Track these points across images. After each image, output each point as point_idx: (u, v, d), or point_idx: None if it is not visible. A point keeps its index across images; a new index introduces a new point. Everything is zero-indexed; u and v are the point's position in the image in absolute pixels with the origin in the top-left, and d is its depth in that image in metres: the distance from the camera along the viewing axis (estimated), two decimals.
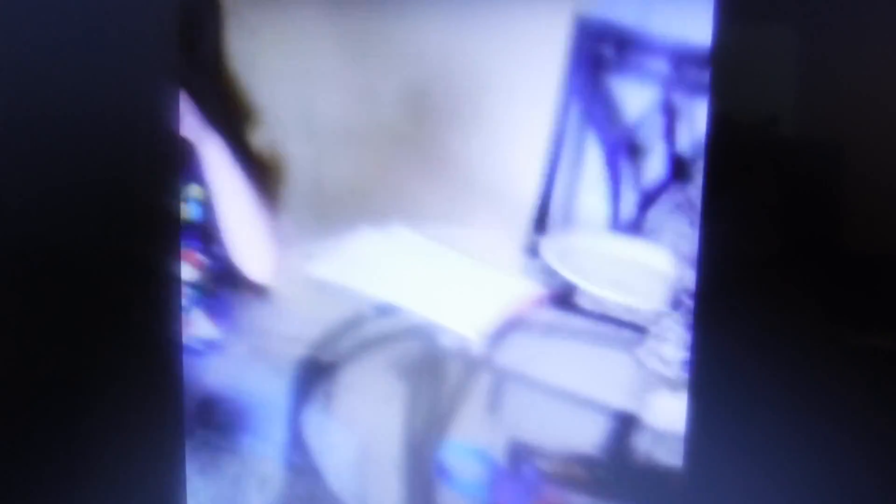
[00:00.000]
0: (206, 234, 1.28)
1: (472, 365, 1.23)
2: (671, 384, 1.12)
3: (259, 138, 1.33)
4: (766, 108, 1.06)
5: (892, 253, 1.04)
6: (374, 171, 1.30)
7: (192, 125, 1.22)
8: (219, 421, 1.30)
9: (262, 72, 1.35)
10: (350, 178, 1.31)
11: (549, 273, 1.21)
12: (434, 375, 1.24)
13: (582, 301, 1.19)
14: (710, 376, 1.09)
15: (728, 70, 1.05)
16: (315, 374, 1.26)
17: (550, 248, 1.22)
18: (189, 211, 1.27)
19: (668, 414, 1.12)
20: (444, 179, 1.25)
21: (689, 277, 1.11)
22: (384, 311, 1.23)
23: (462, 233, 1.24)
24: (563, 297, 1.21)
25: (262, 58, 1.34)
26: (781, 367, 1.05)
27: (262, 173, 1.31)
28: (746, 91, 1.06)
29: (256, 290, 1.28)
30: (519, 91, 1.21)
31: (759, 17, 1.04)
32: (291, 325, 1.27)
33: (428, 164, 1.26)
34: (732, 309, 1.06)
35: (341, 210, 1.30)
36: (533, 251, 1.22)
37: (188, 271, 1.29)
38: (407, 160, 1.26)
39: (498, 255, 1.23)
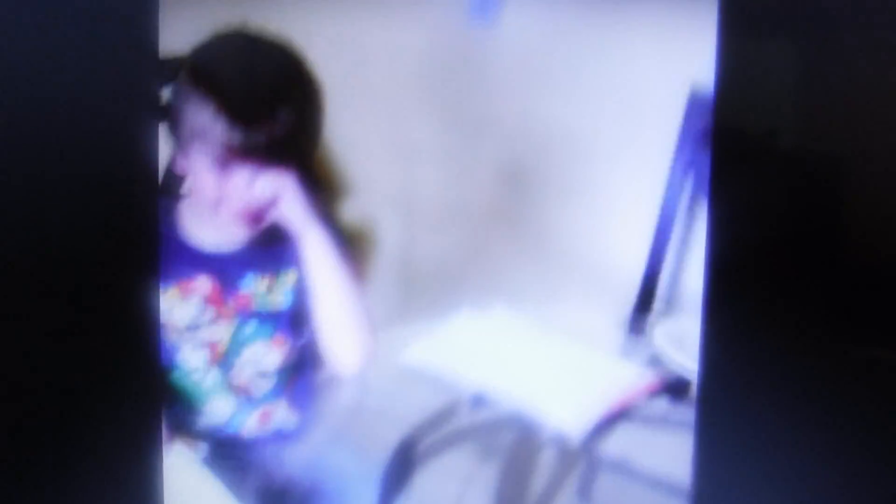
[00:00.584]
0: (295, 319, 1.24)
1: (570, 455, 1.16)
2: None
3: (353, 216, 1.30)
4: (767, 120, 1.05)
5: (892, 262, 1.03)
6: (471, 249, 1.26)
7: (290, 208, 1.18)
8: None
9: (358, 149, 1.33)
10: (446, 257, 1.27)
11: (657, 359, 1.16)
12: (528, 464, 1.17)
13: (693, 390, 1.12)
14: (719, 389, 1.07)
15: (731, 84, 1.05)
16: (404, 464, 1.20)
17: (661, 331, 1.16)
18: (280, 297, 1.24)
19: None
20: (544, 257, 1.21)
21: None
22: (480, 401, 1.17)
23: (563, 313, 1.18)
24: (673, 385, 1.15)
25: (359, 134, 1.32)
26: (790, 379, 1.05)
27: (355, 253, 1.27)
28: (748, 104, 1.05)
29: (346, 377, 1.23)
30: (625, 164, 1.18)
31: (760, 33, 1.04)
32: (381, 413, 1.22)
33: (527, 242, 1.22)
34: (741, 317, 1.06)
35: (436, 290, 1.26)
36: (640, 334, 1.17)
37: (275, 357, 1.25)
38: (505, 237, 1.22)
39: (601, 338, 1.18)
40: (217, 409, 1.24)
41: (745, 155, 1.06)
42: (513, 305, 1.19)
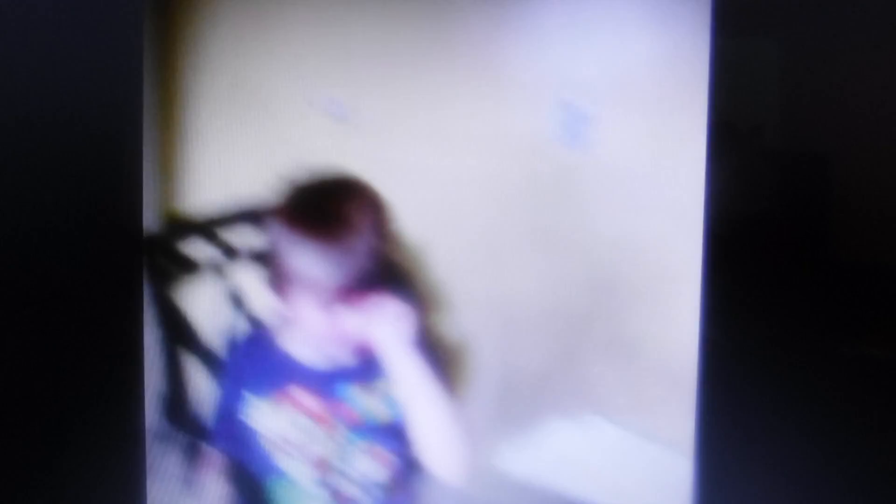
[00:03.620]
0: (396, 431, 1.26)
1: None
2: None
3: (451, 330, 1.34)
4: (757, 117, 1.08)
5: (878, 261, 1.04)
6: (565, 357, 1.28)
7: (383, 333, 1.21)
8: None
9: (457, 266, 1.37)
10: (539, 366, 1.30)
11: None
12: None
13: None
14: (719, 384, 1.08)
15: (725, 82, 1.07)
16: None
17: None
18: (385, 408, 1.27)
19: None
20: (633, 366, 1.22)
21: None
22: None
23: (654, 422, 1.18)
24: None
25: (456, 252, 1.37)
26: (788, 375, 1.06)
27: (450, 364, 1.30)
28: (740, 101, 1.08)
29: (448, 487, 1.23)
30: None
31: (751, 33, 1.08)
32: None
33: (616, 349, 1.23)
34: (740, 309, 1.08)
35: (530, 399, 1.28)
36: None
37: (381, 469, 1.27)
38: (597, 346, 1.24)
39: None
40: None
41: (741, 151, 1.09)
42: (604, 414, 1.20)
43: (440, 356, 1.27)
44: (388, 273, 1.20)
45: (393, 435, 1.25)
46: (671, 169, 1.20)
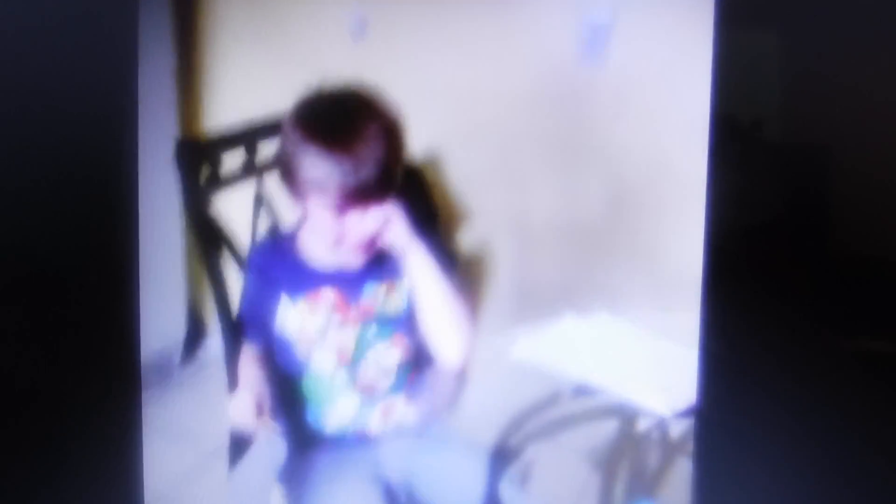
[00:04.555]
0: (412, 320, 1.34)
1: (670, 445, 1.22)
2: None
3: (470, 241, 1.42)
4: (756, 111, 1.10)
5: (877, 254, 1.05)
6: (578, 263, 1.35)
7: (396, 233, 1.28)
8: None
9: (475, 179, 1.44)
10: (554, 271, 1.37)
11: None
12: (630, 456, 1.24)
13: None
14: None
15: (727, 75, 1.09)
16: (508, 455, 1.28)
17: None
18: (398, 302, 1.36)
19: None
20: (644, 271, 1.30)
21: None
22: (581, 391, 1.26)
23: (660, 317, 1.26)
24: None
25: (475, 165, 1.44)
26: (788, 370, 1.07)
27: (469, 269, 1.38)
28: (741, 94, 1.10)
29: (449, 372, 1.33)
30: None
31: (754, 27, 1.09)
32: (489, 405, 1.31)
33: (629, 257, 1.30)
34: (739, 306, 1.09)
35: (544, 299, 1.35)
36: None
37: (395, 355, 1.36)
38: (609, 253, 1.31)
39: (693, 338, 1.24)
40: (343, 408, 1.35)
41: (742, 145, 1.11)
42: (614, 311, 1.28)
43: (450, 258, 1.34)
44: (400, 181, 1.26)
45: (409, 323, 1.34)
46: (683, 83, 1.26)
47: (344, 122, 1.25)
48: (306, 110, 1.27)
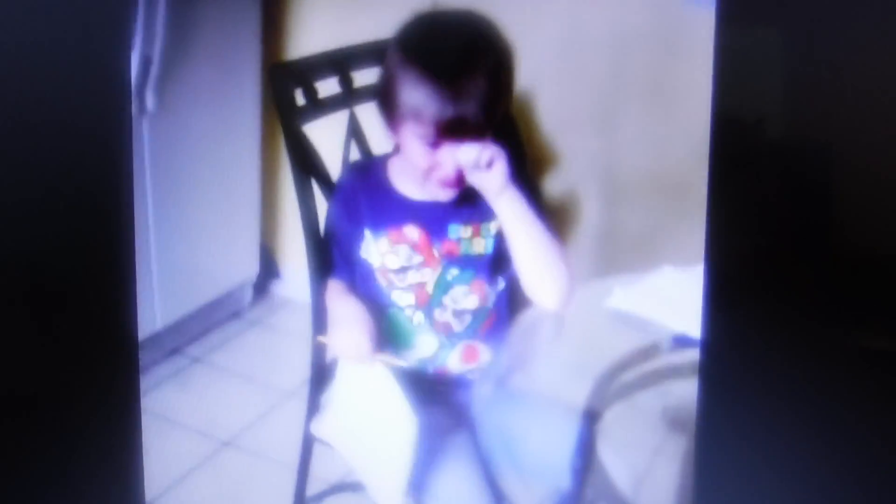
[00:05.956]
0: (494, 265, 1.31)
1: None
2: None
3: (558, 189, 1.38)
4: (759, 108, 1.09)
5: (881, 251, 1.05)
6: (669, 215, 1.32)
7: (489, 176, 1.24)
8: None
9: (565, 124, 1.41)
10: (643, 223, 1.34)
11: None
12: None
13: None
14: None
15: (728, 72, 1.08)
16: (599, 410, 1.25)
17: None
18: (483, 245, 1.33)
19: None
20: None
21: None
22: (681, 342, 1.22)
23: None
24: None
25: (565, 110, 1.40)
26: (790, 365, 1.07)
27: (558, 217, 1.35)
28: (743, 92, 1.09)
29: (545, 317, 1.29)
30: None
31: (755, 23, 1.08)
32: (580, 357, 1.28)
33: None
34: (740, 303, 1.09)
35: (636, 251, 1.32)
36: None
37: (473, 300, 1.33)
38: (700, 204, 1.28)
39: None
40: (424, 345, 1.33)
41: (744, 146, 1.10)
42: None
43: (540, 200, 1.31)
44: (492, 118, 1.21)
45: (491, 269, 1.31)
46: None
47: (451, 49, 1.21)
48: (414, 31, 1.23)
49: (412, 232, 1.31)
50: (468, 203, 1.30)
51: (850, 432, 1.07)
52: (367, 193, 1.32)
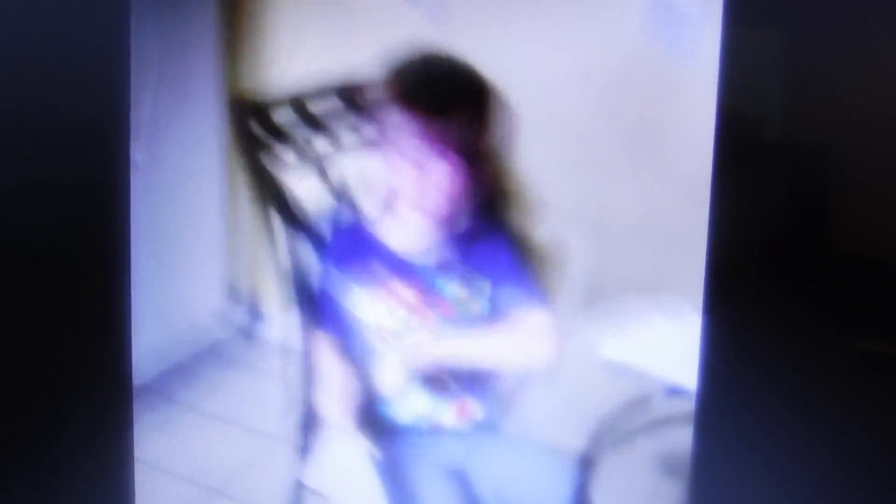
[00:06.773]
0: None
1: None
2: None
3: (544, 235, 1.38)
4: (769, 108, 1.08)
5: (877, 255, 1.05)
6: (656, 258, 1.32)
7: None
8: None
9: (548, 169, 1.41)
10: (632, 266, 1.34)
11: None
12: None
13: None
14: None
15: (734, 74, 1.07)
16: (594, 459, 1.25)
17: None
18: (478, 305, 1.32)
19: None
20: None
21: None
22: (675, 392, 1.23)
23: None
24: None
25: (547, 155, 1.41)
26: (789, 368, 1.06)
27: (543, 262, 1.35)
28: (749, 93, 1.08)
29: (537, 373, 1.29)
30: None
31: (762, 27, 1.07)
32: (572, 402, 1.28)
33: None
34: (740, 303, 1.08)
35: (624, 295, 1.32)
36: None
37: None
38: (690, 247, 1.29)
39: None
40: (415, 404, 1.32)
41: (748, 145, 1.10)
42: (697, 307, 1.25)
43: (531, 254, 1.32)
44: (475, 146, 1.24)
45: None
46: None
47: (439, 81, 1.24)
48: (405, 67, 1.25)
49: (406, 294, 1.30)
50: (461, 261, 1.30)
51: (852, 438, 1.07)
52: (355, 249, 1.32)
